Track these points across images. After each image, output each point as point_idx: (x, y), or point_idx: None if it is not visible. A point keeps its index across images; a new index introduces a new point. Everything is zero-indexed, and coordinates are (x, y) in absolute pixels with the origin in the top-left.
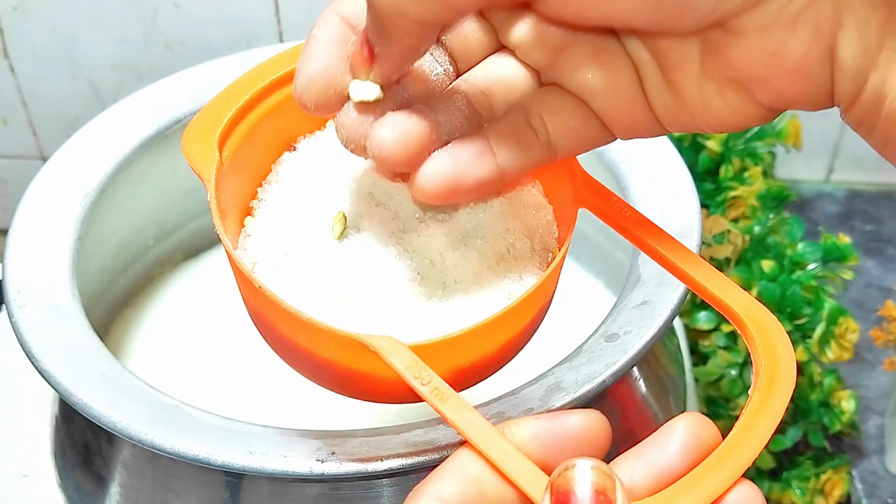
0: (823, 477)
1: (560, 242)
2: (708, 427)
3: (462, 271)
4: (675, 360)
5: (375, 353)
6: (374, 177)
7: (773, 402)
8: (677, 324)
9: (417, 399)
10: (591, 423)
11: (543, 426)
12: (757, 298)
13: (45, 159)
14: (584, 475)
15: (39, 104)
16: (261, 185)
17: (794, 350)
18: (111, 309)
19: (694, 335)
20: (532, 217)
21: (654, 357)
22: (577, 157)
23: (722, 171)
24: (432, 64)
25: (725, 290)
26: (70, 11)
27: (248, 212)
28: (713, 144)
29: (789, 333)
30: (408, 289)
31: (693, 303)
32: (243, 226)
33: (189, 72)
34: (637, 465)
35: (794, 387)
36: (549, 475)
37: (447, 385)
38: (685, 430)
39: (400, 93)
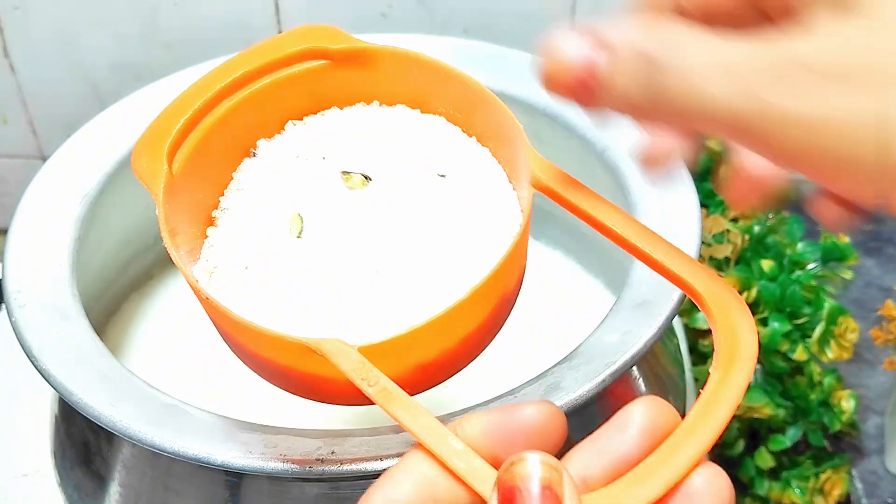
0: (823, 476)
1: (520, 227)
2: (666, 410)
3: (419, 266)
4: (675, 360)
5: (323, 356)
6: (334, 178)
7: (732, 380)
8: (677, 323)
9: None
10: (543, 415)
11: (493, 420)
12: (757, 298)
13: (44, 159)
14: (530, 470)
15: (39, 103)
16: (222, 194)
17: (796, 348)
18: (111, 308)
19: (693, 335)
20: (493, 203)
21: (653, 357)
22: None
23: (721, 172)
24: None
25: (685, 266)
26: (70, 11)
27: (211, 222)
28: (713, 144)
29: (789, 333)
30: (364, 287)
31: (693, 302)
32: (206, 236)
33: (189, 71)
34: (592, 456)
35: (754, 364)
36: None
37: (395, 386)
38: (642, 415)
39: None
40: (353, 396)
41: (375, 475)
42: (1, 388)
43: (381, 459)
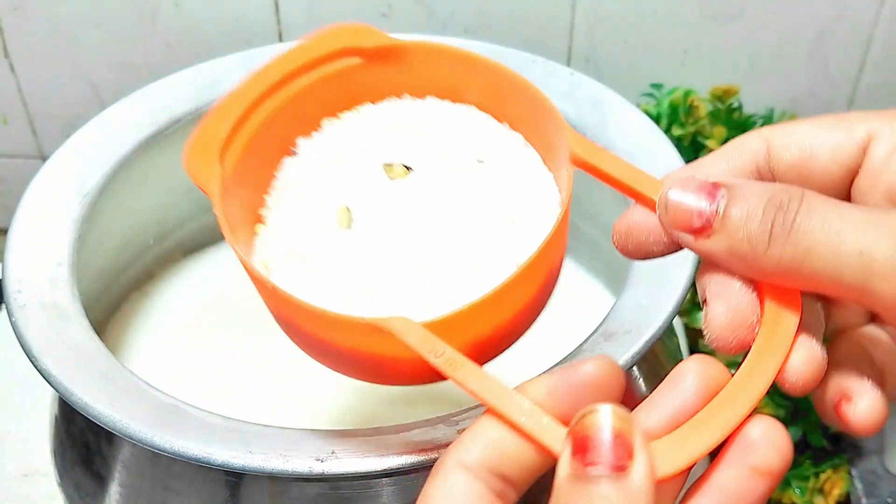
0: (823, 476)
1: (561, 205)
2: (717, 366)
3: (467, 247)
4: (675, 360)
5: (390, 333)
6: (376, 170)
7: (780, 332)
8: (677, 323)
9: (437, 377)
10: (604, 370)
11: (556, 380)
12: None
13: (44, 158)
14: (602, 420)
15: (39, 103)
16: (267, 192)
17: None
18: (111, 308)
19: (693, 334)
20: (532, 184)
21: (653, 356)
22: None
23: None
24: None
25: None
26: (70, 10)
27: (258, 219)
28: (713, 144)
29: None
30: (416, 271)
31: (693, 302)
32: (255, 233)
33: (189, 71)
34: (651, 412)
35: (800, 315)
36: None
37: (460, 355)
38: (694, 371)
39: None
40: (416, 374)
41: (376, 475)
42: (1, 388)
43: (381, 459)
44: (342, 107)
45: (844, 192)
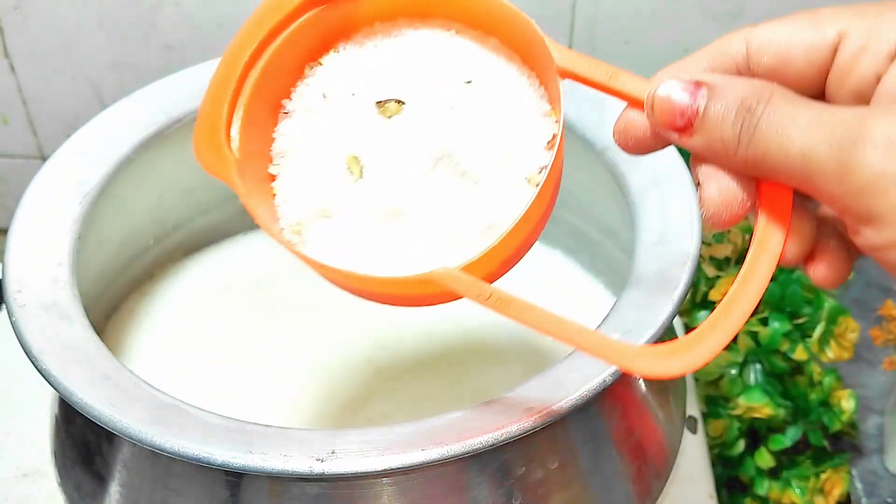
0: (823, 476)
1: (558, 119)
2: None
3: (480, 171)
4: None
5: (438, 284)
6: (369, 110)
7: (778, 207)
8: (677, 323)
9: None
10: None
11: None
12: None
13: (44, 158)
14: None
15: (39, 103)
16: (271, 160)
17: (796, 348)
18: (111, 308)
19: None
20: (524, 102)
21: None
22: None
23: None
24: None
25: None
26: (70, 11)
27: (271, 188)
28: None
29: (789, 333)
30: (437, 206)
31: (693, 302)
32: (276, 204)
33: (189, 71)
34: None
35: (790, 215)
36: None
37: (506, 293)
38: None
39: None
40: (451, 298)
41: (375, 474)
42: (1, 388)
43: (381, 459)
44: (321, 52)
45: (820, 91)
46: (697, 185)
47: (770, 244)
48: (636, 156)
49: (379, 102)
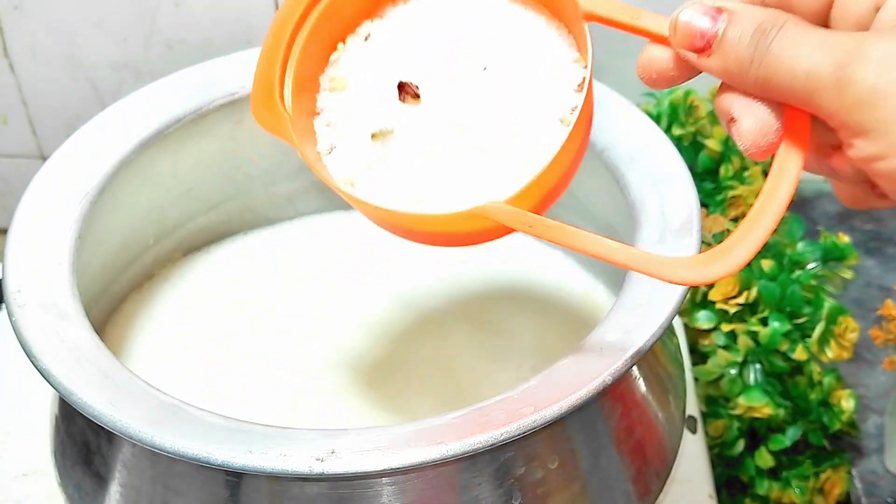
0: (823, 476)
1: (587, 59)
2: None
3: (518, 111)
4: (675, 360)
5: (485, 217)
6: (414, 67)
7: (798, 131)
8: (677, 323)
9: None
10: None
11: None
12: (757, 297)
13: (44, 158)
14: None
15: (39, 103)
16: (317, 114)
17: (796, 348)
18: (111, 308)
19: (693, 334)
20: (553, 47)
21: (653, 356)
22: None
23: (722, 170)
24: None
25: None
26: (70, 10)
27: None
28: (713, 144)
29: (789, 333)
30: (481, 143)
31: (693, 302)
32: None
33: (189, 71)
34: None
35: (808, 141)
36: None
37: (546, 219)
38: None
39: None
40: (497, 232)
41: (375, 474)
42: (1, 388)
43: (380, 459)
44: (364, 14)
45: (825, 22)
46: (730, 121)
47: (790, 163)
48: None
49: (402, 83)
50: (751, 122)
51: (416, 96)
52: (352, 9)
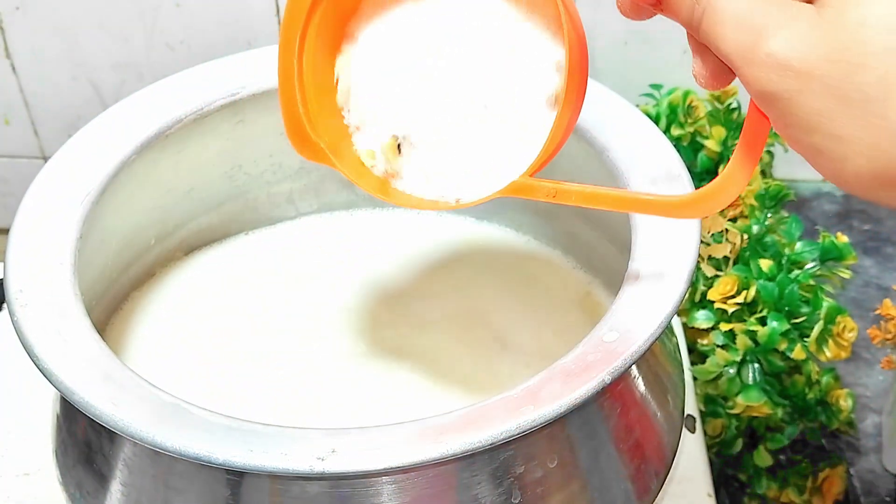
0: (821, 475)
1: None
2: None
3: (515, 104)
4: (674, 359)
5: (517, 190)
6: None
7: None
8: (675, 322)
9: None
10: None
11: None
12: (755, 297)
13: (46, 159)
14: None
15: (41, 104)
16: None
17: (794, 347)
18: (112, 308)
19: (692, 334)
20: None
21: (652, 356)
22: None
23: (721, 170)
24: None
25: None
26: (72, 11)
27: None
28: (712, 144)
29: (787, 332)
30: (486, 125)
31: (692, 301)
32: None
33: (190, 71)
34: None
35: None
36: None
37: (564, 185)
38: None
39: None
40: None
41: (375, 473)
42: (2, 388)
43: (381, 458)
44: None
45: None
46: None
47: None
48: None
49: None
50: (700, 64)
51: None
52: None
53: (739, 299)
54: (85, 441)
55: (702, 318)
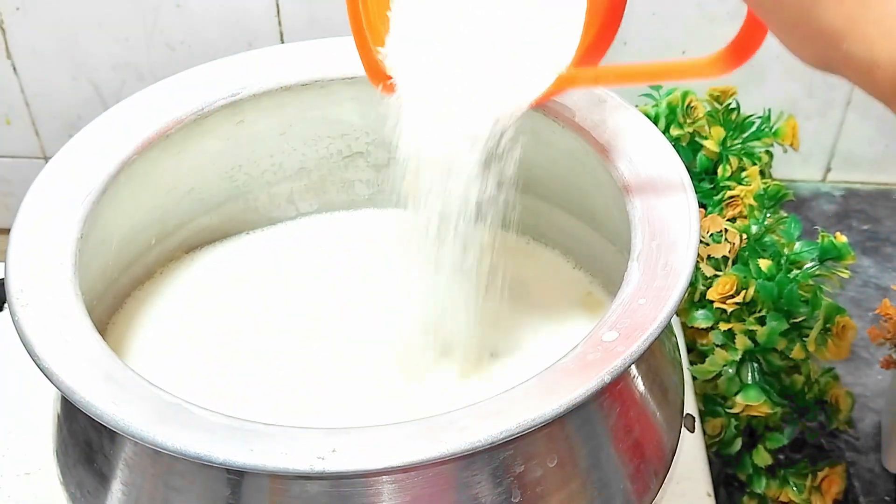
0: (820, 475)
1: None
2: None
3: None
4: (673, 359)
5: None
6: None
7: None
8: (675, 322)
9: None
10: None
11: None
12: (754, 297)
13: (47, 159)
14: None
15: (42, 104)
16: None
17: (793, 347)
18: (113, 307)
19: (691, 333)
20: None
21: (652, 355)
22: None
23: (720, 170)
24: None
25: None
26: (72, 11)
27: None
28: (711, 144)
29: (787, 332)
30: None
31: (691, 301)
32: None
33: (190, 72)
34: None
35: None
36: None
37: (601, 69)
38: None
39: None
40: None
41: (375, 473)
42: (3, 387)
43: (381, 457)
44: None
45: None
46: None
47: None
48: None
49: None
50: None
51: None
52: None
53: (738, 299)
54: (85, 440)
55: (701, 318)
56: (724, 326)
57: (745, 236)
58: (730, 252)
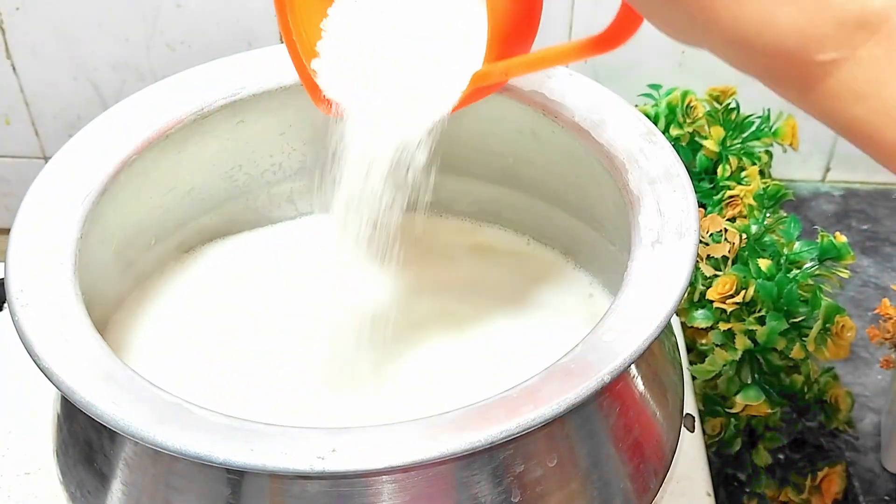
0: (820, 474)
1: None
2: None
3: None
4: (673, 358)
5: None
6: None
7: None
8: (674, 322)
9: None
10: None
11: None
12: (754, 297)
13: (47, 159)
14: None
15: (41, 104)
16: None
17: (793, 346)
18: (113, 307)
19: (691, 333)
20: None
21: (651, 355)
22: None
23: (719, 170)
24: None
25: None
26: (72, 11)
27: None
28: (711, 144)
29: (786, 332)
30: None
31: (691, 301)
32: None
33: (190, 72)
34: None
35: None
36: None
37: (506, 63)
38: None
39: None
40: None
41: (375, 473)
42: (3, 387)
43: (381, 457)
44: None
45: None
46: None
47: None
48: None
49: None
50: None
51: None
52: None
53: (738, 299)
54: (86, 440)
55: (701, 318)
56: (723, 326)
57: (744, 236)
58: (729, 252)
